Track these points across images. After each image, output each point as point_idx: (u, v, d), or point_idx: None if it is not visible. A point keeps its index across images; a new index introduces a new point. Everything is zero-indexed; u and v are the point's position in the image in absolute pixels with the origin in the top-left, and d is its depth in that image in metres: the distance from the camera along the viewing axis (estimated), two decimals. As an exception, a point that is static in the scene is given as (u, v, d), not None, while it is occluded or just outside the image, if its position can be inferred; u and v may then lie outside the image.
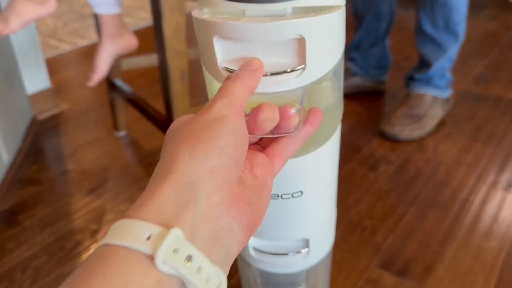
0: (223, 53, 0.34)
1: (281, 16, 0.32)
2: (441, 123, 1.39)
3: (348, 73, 1.54)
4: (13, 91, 1.42)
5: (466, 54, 1.87)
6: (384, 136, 1.32)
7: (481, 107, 1.48)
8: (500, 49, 1.91)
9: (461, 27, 1.30)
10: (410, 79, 1.42)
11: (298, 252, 0.46)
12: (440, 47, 1.31)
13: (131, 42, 1.10)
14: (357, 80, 1.54)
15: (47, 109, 1.58)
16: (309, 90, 0.36)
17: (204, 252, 0.26)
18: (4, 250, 1.01)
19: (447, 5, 1.25)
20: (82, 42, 2.26)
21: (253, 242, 0.46)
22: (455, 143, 1.30)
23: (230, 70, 0.35)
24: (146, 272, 0.24)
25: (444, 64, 1.35)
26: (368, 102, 1.53)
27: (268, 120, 0.32)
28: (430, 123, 1.33)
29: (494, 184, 1.13)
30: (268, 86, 0.34)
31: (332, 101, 0.41)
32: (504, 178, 1.15)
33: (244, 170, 0.31)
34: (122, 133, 1.44)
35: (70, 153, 1.38)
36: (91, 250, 0.99)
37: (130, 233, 0.25)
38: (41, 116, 1.55)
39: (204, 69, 0.38)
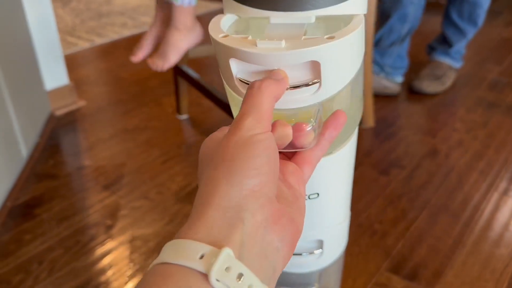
0: (239, 70, 0.35)
1: (296, 39, 0.32)
2: (454, 129, 1.39)
3: None
4: (33, 87, 1.45)
5: (481, 60, 1.87)
6: (413, 90, 1.61)
7: (495, 113, 1.48)
8: (515, 56, 1.90)
9: (482, 18, 1.57)
10: (431, 49, 1.69)
11: (312, 253, 0.47)
12: (461, 33, 1.59)
13: (201, 33, 1.09)
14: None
15: (65, 105, 1.61)
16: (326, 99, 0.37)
17: (253, 270, 0.27)
18: (21, 242, 1.03)
19: (475, 2, 1.53)
20: (99, 40, 2.29)
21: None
22: (467, 149, 1.30)
23: (245, 82, 0.35)
24: None
25: (461, 44, 1.63)
26: (380, 104, 1.54)
27: (282, 139, 0.33)
28: (447, 82, 1.62)
29: (506, 191, 1.13)
30: (283, 102, 0.35)
31: (351, 104, 0.41)
32: (516, 186, 1.15)
33: (279, 182, 0.32)
34: (184, 116, 1.53)
35: (86, 149, 1.40)
36: (106, 245, 1.02)
37: (184, 252, 0.27)
38: (59, 112, 1.58)
39: (223, 80, 0.39)
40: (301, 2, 0.33)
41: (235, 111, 0.43)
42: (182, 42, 1.03)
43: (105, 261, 0.98)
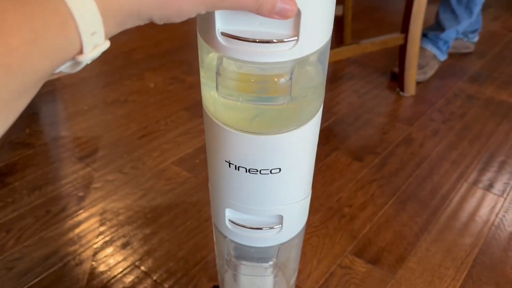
0: (222, 20, 0.35)
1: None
2: (431, 119, 1.41)
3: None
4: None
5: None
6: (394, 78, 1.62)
7: (473, 106, 1.49)
8: (499, 50, 1.91)
9: (478, 8, 1.63)
10: (423, 35, 1.68)
11: (272, 227, 0.48)
12: (456, 18, 1.64)
13: None
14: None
15: (44, 74, 1.58)
16: (295, 71, 0.38)
17: None
18: (-9, 209, 1.03)
19: None
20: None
21: (229, 214, 0.48)
22: (442, 139, 1.32)
23: (228, 35, 0.35)
24: None
25: (452, 33, 1.67)
26: (363, 91, 1.54)
27: None
28: (429, 72, 1.65)
29: (475, 182, 1.15)
30: (262, 55, 0.36)
31: (315, 84, 0.42)
32: (486, 178, 1.17)
33: None
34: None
35: (64, 119, 1.39)
36: (76, 216, 1.02)
37: None
38: (38, 81, 1.56)
39: (199, 37, 0.39)
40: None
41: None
42: None
43: (74, 232, 0.98)
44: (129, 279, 0.88)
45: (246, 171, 0.43)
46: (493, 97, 1.55)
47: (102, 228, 0.99)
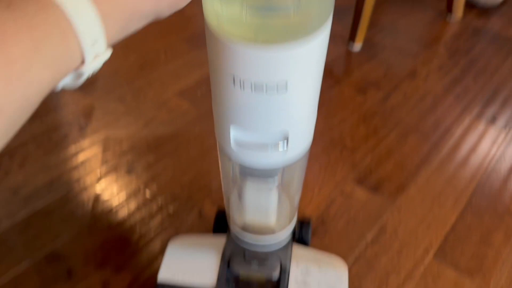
0: None
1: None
2: (438, 55, 1.38)
3: None
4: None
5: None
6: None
7: (480, 41, 1.46)
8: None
9: None
10: None
11: (277, 147, 0.48)
12: None
13: None
14: None
15: None
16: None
17: None
18: (-7, 136, 1.03)
19: None
20: None
21: (234, 134, 0.47)
22: (447, 73, 1.30)
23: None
24: None
25: None
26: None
27: None
28: None
29: (478, 116, 1.15)
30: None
31: None
32: (489, 112, 1.16)
33: None
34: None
35: (61, 49, 1.36)
36: (78, 144, 1.02)
37: None
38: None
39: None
40: None
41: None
42: None
43: (78, 158, 0.99)
44: (134, 202, 0.89)
45: (251, 89, 0.42)
46: (500, 33, 1.51)
47: (105, 156, 1.00)
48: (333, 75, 1.27)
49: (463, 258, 0.81)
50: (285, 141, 0.48)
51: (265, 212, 0.61)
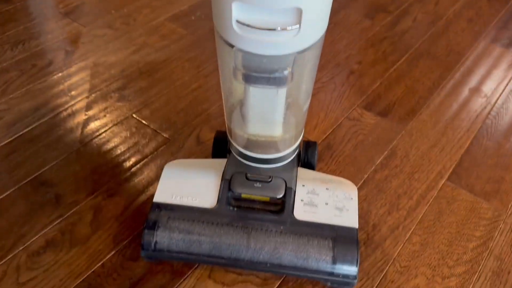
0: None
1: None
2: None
3: None
4: None
5: None
6: None
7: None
8: None
9: None
10: None
11: (288, 28, 0.40)
12: None
13: None
14: None
15: None
16: None
17: None
18: (-29, 63, 0.95)
19: None
20: None
21: (237, 13, 0.40)
22: (460, -2, 1.22)
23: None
24: None
25: None
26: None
27: None
28: None
29: (493, 41, 1.07)
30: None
31: None
32: (505, 36, 1.09)
33: None
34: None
35: (44, -25, 1.25)
36: (65, 70, 0.94)
37: None
38: None
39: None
40: None
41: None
42: None
43: (64, 85, 0.91)
44: (126, 128, 0.82)
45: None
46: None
47: (94, 81, 0.92)
48: None
49: (479, 181, 0.76)
50: (298, 17, 0.40)
51: (270, 120, 0.54)
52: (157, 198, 0.63)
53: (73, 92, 0.89)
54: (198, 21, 1.10)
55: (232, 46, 0.43)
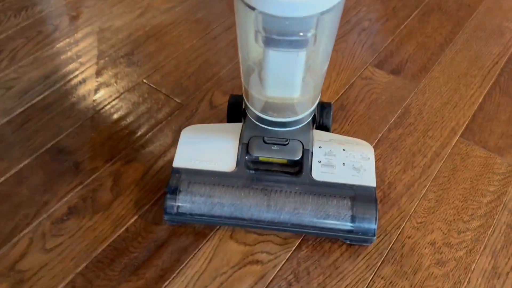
0: None
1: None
2: None
3: None
4: None
5: None
6: None
7: None
8: None
9: None
10: None
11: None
12: None
13: None
14: None
15: None
16: None
17: None
18: (-24, 31, 0.93)
19: None
20: None
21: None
22: (470, -51, 1.18)
23: None
24: None
25: None
26: None
27: None
28: None
29: (505, -7, 1.05)
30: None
31: None
32: (517, -12, 1.06)
33: None
34: None
35: None
36: (71, 36, 0.93)
37: None
38: None
39: None
40: None
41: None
42: None
43: (72, 51, 0.90)
44: (138, 93, 0.82)
45: None
46: None
47: (102, 47, 0.91)
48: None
49: (492, 137, 0.77)
50: None
51: (290, 83, 0.54)
52: (176, 163, 0.63)
53: (81, 59, 0.89)
54: (203, -19, 1.07)
55: (253, 8, 0.43)
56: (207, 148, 0.65)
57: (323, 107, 0.71)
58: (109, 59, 0.89)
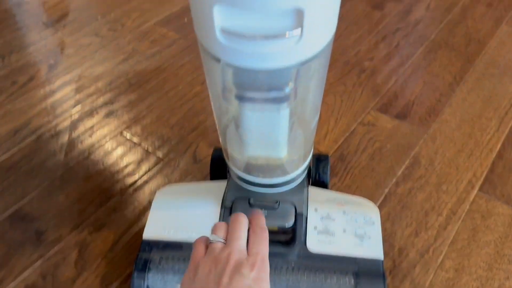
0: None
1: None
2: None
3: None
4: None
5: None
6: None
7: None
8: None
9: None
10: None
11: (286, 35, 0.31)
12: None
13: None
14: None
15: None
16: None
17: None
18: None
19: None
20: None
21: (220, 19, 0.31)
22: (476, -19, 1.11)
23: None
24: None
25: None
26: None
27: None
28: None
29: (517, 26, 0.97)
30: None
31: None
32: (530, 20, 0.99)
33: None
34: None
35: (26, -17, 1.17)
36: (48, 86, 0.86)
37: None
38: None
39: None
40: None
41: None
42: None
43: (47, 102, 0.83)
44: (116, 148, 0.74)
45: None
46: None
47: (79, 96, 0.84)
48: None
49: (516, 189, 0.67)
50: (299, 17, 0.30)
51: (273, 142, 0.46)
52: (147, 234, 0.54)
53: (56, 110, 0.81)
54: (190, 23, 1.01)
55: (218, 60, 0.34)
56: (184, 215, 0.56)
57: (319, 160, 0.62)
58: (87, 110, 0.81)
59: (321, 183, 0.61)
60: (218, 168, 0.62)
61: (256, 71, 0.34)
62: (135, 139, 0.76)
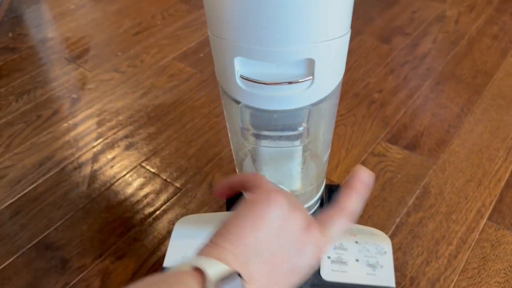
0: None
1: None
2: (467, -6, 1.23)
3: None
4: None
5: None
6: None
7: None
8: None
9: None
10: None
11: (299, 81, 0.35)
12: None
13: None
14: None
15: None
16: None
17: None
18: (-24, 118, 0.92)
19: None
20: None
21: (241, 68, 0.34)
22: (480, 14, 1.15)
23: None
24: None
25: None
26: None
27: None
28: None
29: (522, 58, 1.00)
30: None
31: None
32: (535, 52, 1.01)
33: None
34: None
35: (51, 20, 1.24)
36: (71, 119, 0.91)
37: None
38: (17, -18, 1.38)
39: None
40: None
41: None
42: None
43: (70, 135, 0.87)
44: (136, 179, 0.77)
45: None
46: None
47: (100, 130, 0.88)
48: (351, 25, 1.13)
49: (525, 218, 0.68)
50: (311, 66, 0.34)
51: (287, 175, 0.48)
52: (167, 264, 0.57)
53: (79, 143, 0.85)
54: (206, 58, 1.06)
55: (237, 102, 0.38)
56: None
57: (331, 190, 0.65)
58: (108, 143, 0.85)
59: (334, 213, 0.64)
60: (233, 198, 0.65)
61: (271, 112, 0.37)
62: (154, 170, 0.79)
